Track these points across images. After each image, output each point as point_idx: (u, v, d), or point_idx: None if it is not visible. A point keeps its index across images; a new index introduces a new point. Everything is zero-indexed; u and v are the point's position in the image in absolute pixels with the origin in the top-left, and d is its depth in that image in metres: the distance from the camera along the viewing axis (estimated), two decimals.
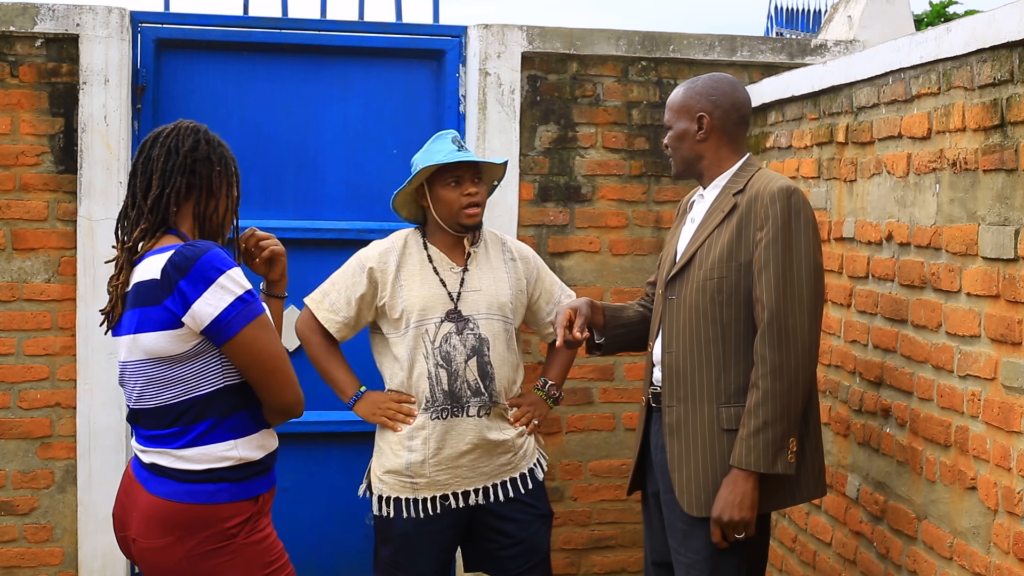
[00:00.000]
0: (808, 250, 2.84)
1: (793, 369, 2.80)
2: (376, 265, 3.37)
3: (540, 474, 3.46)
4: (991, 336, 2.71)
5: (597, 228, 4.39)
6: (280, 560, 2.57)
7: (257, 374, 2.47)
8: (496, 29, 4.25)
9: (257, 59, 4.26)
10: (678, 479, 2.92)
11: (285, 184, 4.28)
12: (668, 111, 3.07)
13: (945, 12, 11.16)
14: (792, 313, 2.80)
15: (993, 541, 2.70)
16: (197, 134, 2.57)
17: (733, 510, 2.82)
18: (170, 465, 2.47)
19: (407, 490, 3.33)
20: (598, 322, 3.21)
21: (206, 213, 2.55)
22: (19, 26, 3.99)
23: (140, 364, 2.48)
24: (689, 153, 3.02)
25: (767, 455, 2.79)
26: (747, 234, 2.87)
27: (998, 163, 2.68)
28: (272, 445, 2.60)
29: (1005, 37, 2.61)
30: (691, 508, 2.90)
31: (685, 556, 2.95)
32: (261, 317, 2.46)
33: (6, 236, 4.03)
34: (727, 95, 3.00)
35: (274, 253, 2.75)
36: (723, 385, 2.89)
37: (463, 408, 3.31)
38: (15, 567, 4.10)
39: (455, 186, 3.31)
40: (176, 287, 2.39)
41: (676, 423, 2.94)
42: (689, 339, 2.93)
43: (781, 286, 2.80)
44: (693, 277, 2.94)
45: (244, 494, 2.50)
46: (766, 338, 2.80)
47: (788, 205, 2.83)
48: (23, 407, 4.07)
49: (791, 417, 2.81)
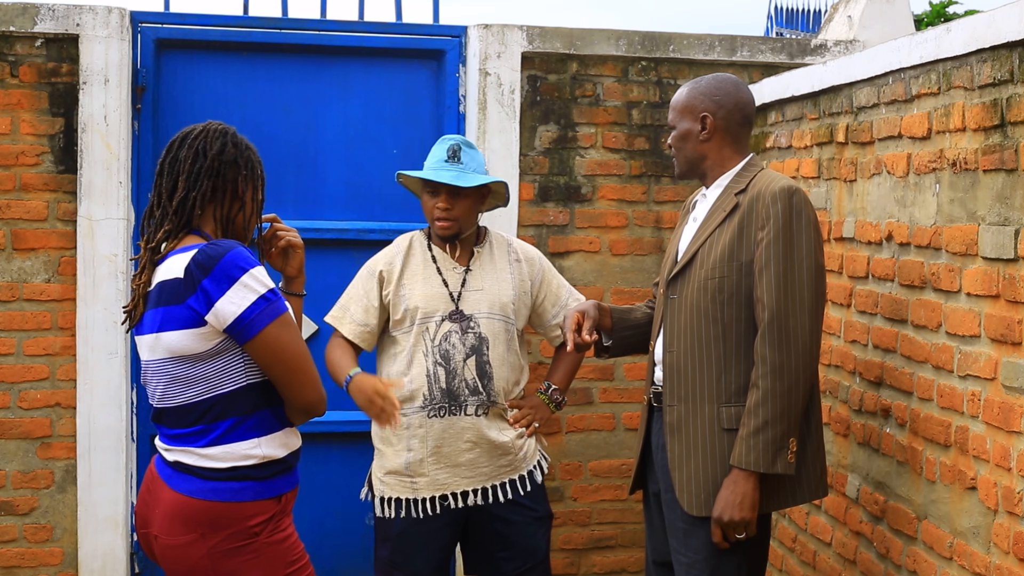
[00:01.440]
0: (809, 250, 2.84)
1: (794, 369, 2.80)
2: (384, 267, 3.41)
3: (540, 476, 3.46)
4: (991, 336, 2.71)
5: (597, 228, 4.39)
6: (301, 560, 2.57)
7: (279, 372, 2.48)
8: (496, 29, 4.26)
9: (257, 59, 4.26)
10: (679, 478, 2.93)
11: (285, 184, 4.28)
12: (672, 111, 3.07)
13: (945, 12, 11.16)
14: (793, 313, 2.80)
15: (993, 541, 2.70)
16: (225, 137, 2.58)
17: (733, 510, 2.82)
18: (194, 463, 2.47)
19: (407, 490, 3.33)
20: (606, 325, 3.20)
21: (230, 216, 2.57)
22: (19, 26, 3.99)
23: (163, 363, 2.48)
24: (693, 153, 3.02)
25: (767, 455, 2.79)
26: (748, 233, 2.87)
27: (998, 163, 2.68)
28: (295, 444, 2.60)
29: (1005, 37, 2.61)
30: (691, 508, 2.90)
31: (685, 556, 2.95)
32: (284, 316, 2.47)
33: (6, 236, 4.03)
34: (731, 95, 3.00)
35: (290, 244, 2.77)
36: (724, 384, 2.89)
37: (461, 407, 3.31)
38: (15, 567, 4.10)
39: (431, 195, 3.35)
40: (199, 285, 2.40)
41: (677, 422, 2.95)
42: (690, 338, 2.93)
43: (782, 286, 2.80)
44: (694, 276, 2.94)
45: (268, 492, 2.50)
46: (767, 338, 2.80)
47: (789, 205, 2.83)
48: (23, 407, 4.07)
49: (791, 417, 2.81)
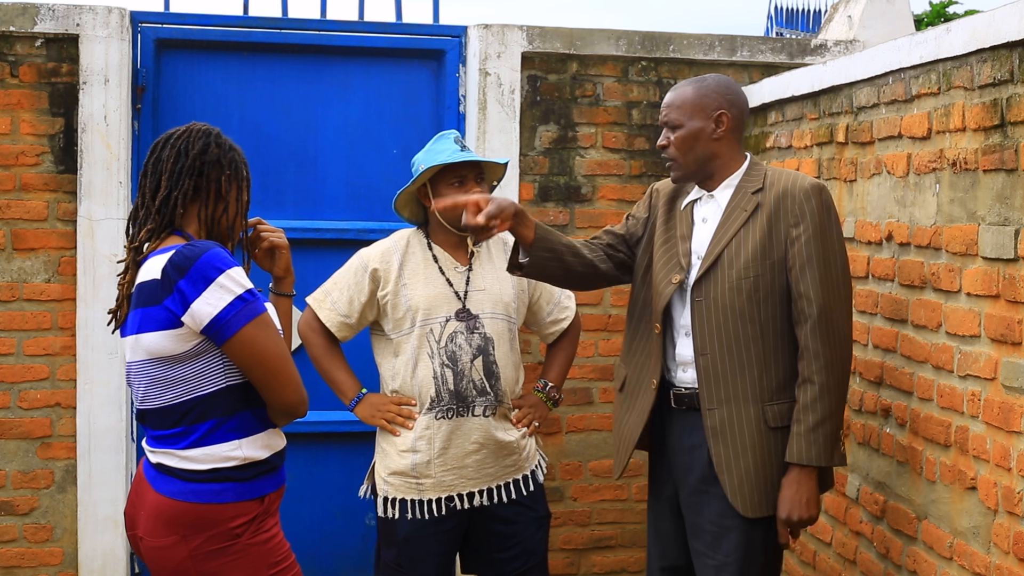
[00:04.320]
0: (841, 245, 2.91)
1: (842, 362, 2.87)
2: (379, 265, 3.36)
3: (541, 476, 3.46)
4: (991, 336, 2.71)
5: (597, 228, 4.38)
6: (286, 561, 2.56)
7: (258, 374, 2.47)
8: (496, 29, 4.25)
9: (257, 59, 4.26)
10: (729, 481, 2.90)
11: (285, 184, 4.28)
12: (675, 110, 2.98)
13: (945, 12, 11.17)
14: (837, 307, 2.86)
15: (993, 541, 2.70)
16: (208, 137, 2.56)
17: (802, 508, 2.85)
18: (176, 465, 2.47)
19: (412, 491, 3.32)
20: (527, 237, 2.96)
21: (214, 216, 2.55)
22: (19, 26, 3.99)
23: (143, 364, 2.48)
24: (704, 152, 2.97)
25: (827, 449, 2.83)
26: (779, 231, 2.88)
27: (998, 163, 2.68)
28: (278, 445, 2.59)
29: (1005, 37, 2.61)
30: (747, 509, 2.89)
31: (714, 559, 2.93)
32: (262, 316, 2.45)
33: (6, 236, 4.03)
34: (740, 95, 3.02)
35: (273, 244, 2.75)
36: (766, 383, 2.89)
37: (469, 408, 3.30)
38: (15, 567, 4.10)
39: (458, 186, 3.29)
40: (176, 287, 2.39)
41: (720, 426, 2.91)
42: (726, 340, 2.91)
43: (826, 281, 2.84)
44: (723, 278, 2.91)
45: (250, 494, 2.49)
46: (817, 333, 2.83)
47: (822, 201, 2.88)
48: (23, 407, 4.07)
49: (841, 410, 2.89)
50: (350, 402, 3.42)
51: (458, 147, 3.30)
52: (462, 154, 3.27)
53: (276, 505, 2.59)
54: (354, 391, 3.42)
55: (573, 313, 3.61)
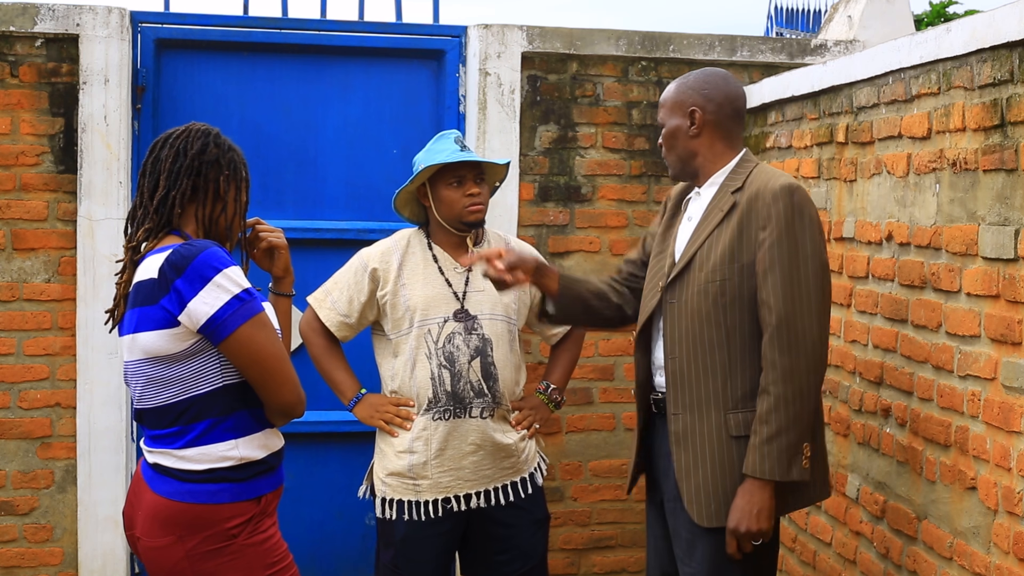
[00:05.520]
0: (814, 249, 2.75)
1: (803, 373, 2.71)
2: (379, 265, 3.36)
3: (540, 479, 3.45)
4: (991, 336, 2.71)
5: (597, 228, 4.39)
6: (283, 562, 2.55)
7: (255, 373, 2.46)
8: (496, 29, 4.25)
9: (257, 59, 4.26)
10: (687, 489, 2.82)
11: (285, 184, 4.28)
12: (661, 108, 2.98)
13: (945, 12, 11.17)
14: (800, 315, 2.71)
15: (993, 541, 2.70)
16: (207, 137, 2.56)
17: (750, 520, 2.72)
18: (172, 465, 2.47)
19: (410, 492, 3.32)
20: (551, 288, 3.02)
21: (212, 217, 2.55)
22: (19, 26, 3.99)
23: (139, 364, 2.48)
24: (683, 150, 2.93)
25: (782, 462, 2.70)
26: (749, 234, 2.78)
27: (998, 163, 2.68)
28: (276, 445, 2.58)
29: (1005, 37, 2.61)
30: (701, 519, 2.81)
31: (689, 566, 2.88)
32: (259, 316, 2.45)
33: (6, 236, 4.03)
34: (719, 88, 2.91)
35: (271, 244, 2.75)
36: (730, 390, 2.79)
37: (466, 409, 3.30)
38: (15, 567, 4.10)
39: (457, 186, 3.30)
40: (172, 286, 2.38)
41: (683, 432, 2.84)
42: (692, 344, 2.83)
43: (788, 288, 2.71)
44: (694, 280, 2.83)
45: (246, 494, 2.49)
46: (775, 342, 2.71)
47: (791, 203, 2.74)
48: (23, 407, 4.07)
49: (804, 422, 2.72)
50: (349, 402, 3.42)
51: (458, 147, 3.30)
52: (461, 154, 3.27)
53: (273, 506, 2.58)
54: (353, 391, 3.42)
55: None
